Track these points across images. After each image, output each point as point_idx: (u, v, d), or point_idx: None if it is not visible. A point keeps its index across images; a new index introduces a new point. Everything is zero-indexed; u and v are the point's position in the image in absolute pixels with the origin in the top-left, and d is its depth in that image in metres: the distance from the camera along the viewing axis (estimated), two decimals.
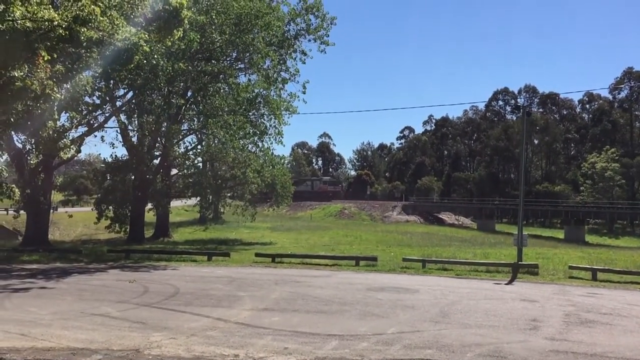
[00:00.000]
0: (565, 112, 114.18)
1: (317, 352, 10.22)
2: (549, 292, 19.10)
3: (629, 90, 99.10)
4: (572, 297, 17.82)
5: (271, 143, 42.03)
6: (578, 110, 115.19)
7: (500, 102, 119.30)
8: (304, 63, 43.72)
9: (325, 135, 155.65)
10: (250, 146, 41.28)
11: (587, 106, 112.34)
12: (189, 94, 39.95)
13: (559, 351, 10.62)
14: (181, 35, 24.08)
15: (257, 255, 29.26)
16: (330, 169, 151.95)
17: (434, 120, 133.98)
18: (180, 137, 41.17)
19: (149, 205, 43.53)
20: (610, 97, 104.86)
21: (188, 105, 40.24)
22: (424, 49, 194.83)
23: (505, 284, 21.17)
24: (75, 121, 31.54)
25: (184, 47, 31.56)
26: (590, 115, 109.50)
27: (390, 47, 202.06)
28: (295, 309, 14.72)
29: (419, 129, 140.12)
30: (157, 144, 41.99)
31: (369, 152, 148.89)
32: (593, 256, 32.81)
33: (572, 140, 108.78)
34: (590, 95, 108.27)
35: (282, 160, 50.11)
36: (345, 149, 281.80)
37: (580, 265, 25.18)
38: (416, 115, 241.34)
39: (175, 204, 53.99)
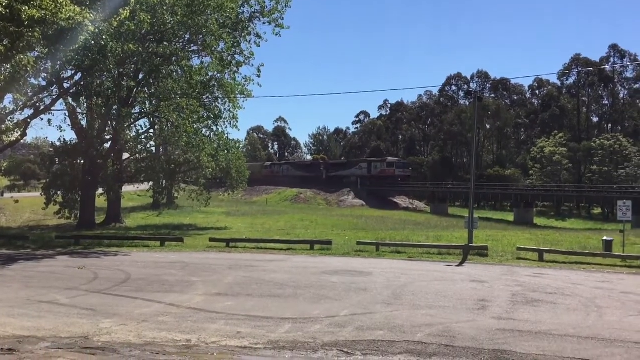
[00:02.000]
0: (516, 98, 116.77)
1: (270, 335, 10.24)
2: (497, 273, 19.61)
3: (577, 76, 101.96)
4: (520, 278, 18.34)
5: (226, 127, 41.56)
6: (528, 95, 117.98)
7: (454, 88, 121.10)
8: (259, 46, 43.14)
9: (281, 119, 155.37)
10: (204, 130, 40.70)
11: (537, 92, 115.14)
12: (140, 76, 39.03)
13: (505, 330, 10.94)
14: (128, 14, 23.40)
15: (211, 240, 29.04)
16: (286, 154, 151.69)
17: (389, 105, 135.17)
18: (132, 120, 40.22)
19: (100, 190, 42.56)
20: (559, 83, 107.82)
21: (139, 88, 39.31)
22: (379, 32, 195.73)
23: (456, 266, 21.63)
24: (20, 103, 30.40)
25: (134, 27, 30.72)
26: (540, 101, 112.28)
27: (346, 31, 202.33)
28: (249, 293, 14.69)
29: (374, 114, 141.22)
30: (107, 128, 40.96)
31: (325, 137, 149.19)
32: (540, 238, 33.80)
33: (522, 125, 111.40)
34: (540, 81, 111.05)
35: (237, 145, 49.66)
36: (301, 133, 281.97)
37: (528, 247, 25.92)
38: (372, 100, 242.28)
39: (127, 189, 52.91)
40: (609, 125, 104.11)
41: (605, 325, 11.58)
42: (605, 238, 25.68)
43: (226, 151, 44.51)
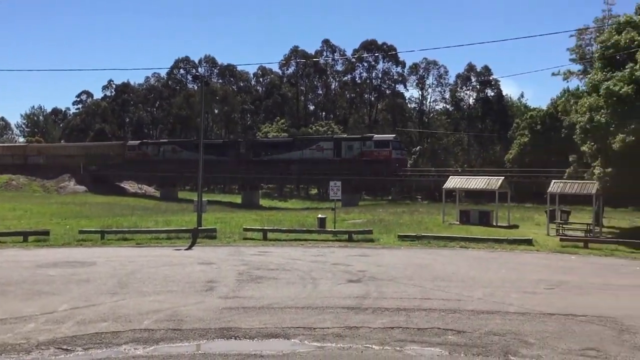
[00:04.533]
0: (242, 84, 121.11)
1: None
2: (225, 253, 20.27)
3: (296, 66, 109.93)
4: (246, 257, 19.25)
5: None
6: (253, 83, 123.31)
7: (182, 71, 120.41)
8: None
9: None
10: None
11: (261, 79, 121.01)
12: None
13: (231, 308, 11.39)
14: None
15: None
16: None
17: (114, 86, 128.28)
18: None
19: None
20: (280, 72, 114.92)
21: None
22: (106, 12, 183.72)
23: (185, 250, 21.74)
24: None
25: None
26: (264, 89, 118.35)
27: (68, 7, 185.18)
28: None
29: (98, 94, 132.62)
30: None
31: (41, 117, 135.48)
32: (265, 218, 35.85)
33: (248, 110, 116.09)
34: (263, 69, 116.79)
35: None
36: (12, 113, 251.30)
37: (254, 227, 27.31)
38: (95, 79, 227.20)
39: None
40: (324, 113, 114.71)
41: (319, 295, 12.86)
42: (319, 216, 28.35)
43: None
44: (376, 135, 66.34)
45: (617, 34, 29.02)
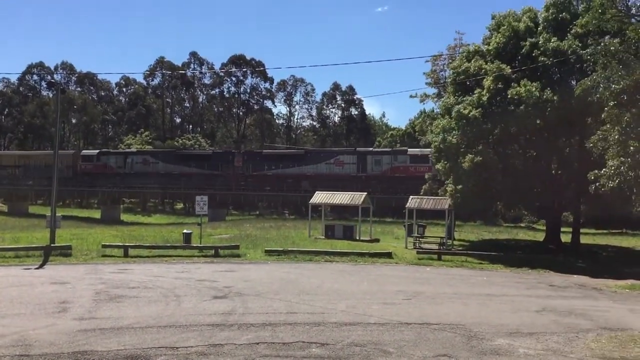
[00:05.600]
0: (103, 94, 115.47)
1: None
2: (81, 272, 19.08)
3: (161, 78, 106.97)
4: (104, 275, 18.26)
5: None
6: (116, 92, 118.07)
7: (36, 77, 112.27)
8: None
9: None
10: None
11: (125, 89, 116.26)
12: None
13: (87, 330, 10.72)
14: None
15: None
16: None
17: None
18: None
19: None
20: (145, 83, 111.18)
21: None
22: None
23: (36, 269, 20.15)
24: None
25: None
26: (127, 99, 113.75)
27: None
28: None
29: None
30: None
31: None
32: (127, 234, 34.29)
33: (110, 121, 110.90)
34: (127, 79, 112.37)
35: None
36: None
37: (114, 244, 26.00)
38: None
39: None
40: (190, 126, 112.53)
41: (183, 313, 12.51)
42: (185, 231, 27.68)
43: None
44: (411, 149, 58.19)
45: (467, 62, 31.55)
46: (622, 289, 19.19)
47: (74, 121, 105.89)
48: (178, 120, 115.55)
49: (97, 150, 75.00)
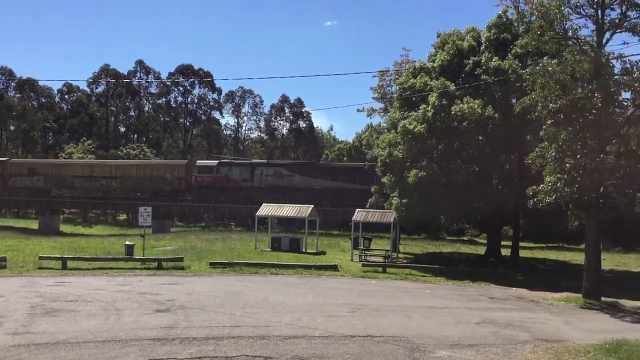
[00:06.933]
0: (44, 100, 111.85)
1: None
2: (16, 285, 18.34)
3: (106, 85, 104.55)
4: (40, 288, 17.61)
5: None
6: (57, 99, 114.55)
7: None
8: None
9: None
10: None
11: (67, 97, 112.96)
12: None
13: (20, 345, 10.32)
14: None
15: None
16: None
17: None
18: None
19: None
20: (89, 90, 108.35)
21: None
22: None
23: None
24: None
25: None
26: (69, 106, 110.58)
27: None
28: None
29: None
30: None
31: None
32: (66, 245, 33.16)
33: (50, 129, 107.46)
34: (69, 86, 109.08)
35: None
36: None
37: (52, 255, 25.11)
38: None
39: None
40: (135, 135, 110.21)
41: (123, 327, 12.19)
42: (127, 243, 27.01)
43: None
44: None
45: (413, 78, 32.22)
46: (558, 301, 19.87)
47: (12, 128, 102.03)
48: (123, 129, 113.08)
49: (217, 161, 65.42)
